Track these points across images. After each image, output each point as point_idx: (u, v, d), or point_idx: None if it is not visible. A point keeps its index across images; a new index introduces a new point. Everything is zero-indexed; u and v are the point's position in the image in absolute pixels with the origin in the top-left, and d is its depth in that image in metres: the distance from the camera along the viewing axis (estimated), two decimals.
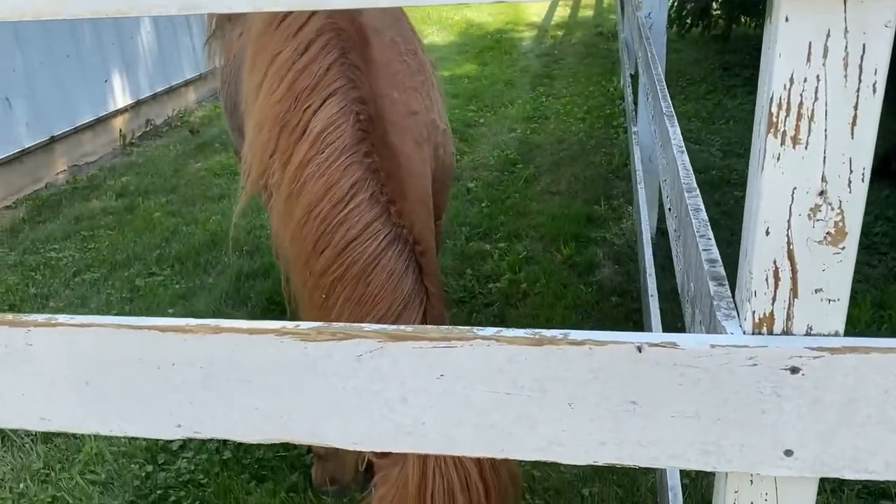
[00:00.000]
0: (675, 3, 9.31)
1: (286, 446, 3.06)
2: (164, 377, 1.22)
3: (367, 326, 1.15)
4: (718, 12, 9.48)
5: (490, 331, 1.11)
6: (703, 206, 1.53)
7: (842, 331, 1.04)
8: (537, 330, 1.11)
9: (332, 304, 1.81)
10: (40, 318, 1.24)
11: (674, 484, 1.86)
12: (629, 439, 1.12)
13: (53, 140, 6.79)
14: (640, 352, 1.07)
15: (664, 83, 2.63)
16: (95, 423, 1.29)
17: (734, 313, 1.13)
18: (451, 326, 1.13)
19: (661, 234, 4.45)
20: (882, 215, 5.05)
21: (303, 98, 1.89)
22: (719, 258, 1.31)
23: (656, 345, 1.06)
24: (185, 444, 3.12)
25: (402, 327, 1.14)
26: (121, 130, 7.81)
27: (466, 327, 1.12)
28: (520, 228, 5.07)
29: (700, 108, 7.69)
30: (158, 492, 2.81)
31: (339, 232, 1.79)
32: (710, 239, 1.38)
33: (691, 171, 1.73)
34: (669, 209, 1.95)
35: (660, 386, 1.08)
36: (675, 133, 2.04)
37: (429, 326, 1.13)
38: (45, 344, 1.24)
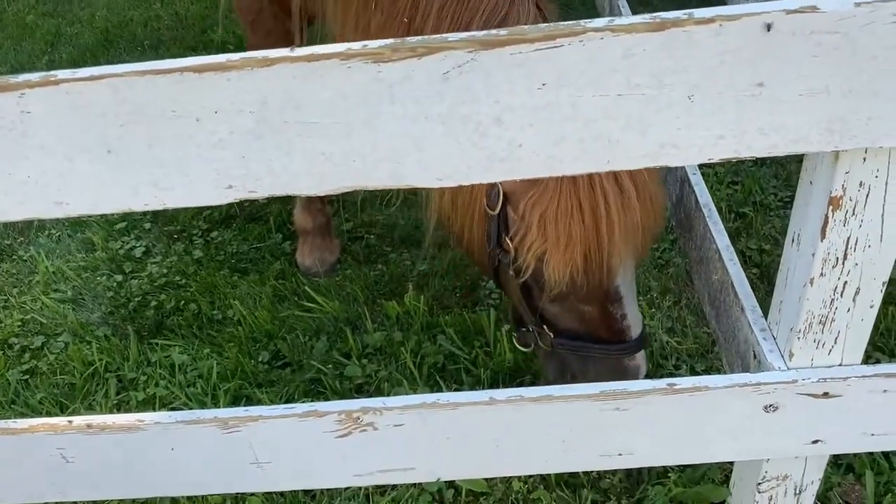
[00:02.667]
0: None
1: (260, 237, 2.92)
2: (206, 130, 1.03)
3: (452, 36, 0.97)
4: None
5: (601, 22, 0.96)
6: None
7: None
8: (658, 14, 0.96)
9: (419, 27, 1.52)
10: (35, 77, 0.99)
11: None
12: (750, 128, 1.03)
13: None
14: (772, 26, 0.94)
15: None
16: (125, 198, 1.10)
17: None
18: (553, 24, 0.96)
19: None
20: None
21: None
22: None
23: (794, 11, 0.93)
24: (149, 249, 2.93)
25: (496, 31, 0.96)
26: None
27: (573, 22, 0.96)
28: None
29: None
30: (137, 299, 2.66)
31: None
32: None
33: None
34: None
35: (792, 60, 0.97)
36: None
37: (527, 27, 0.96)
38: (47, 109, 1.01)
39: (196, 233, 2.99)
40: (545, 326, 1.68)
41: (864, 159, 1.10)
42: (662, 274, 2.63)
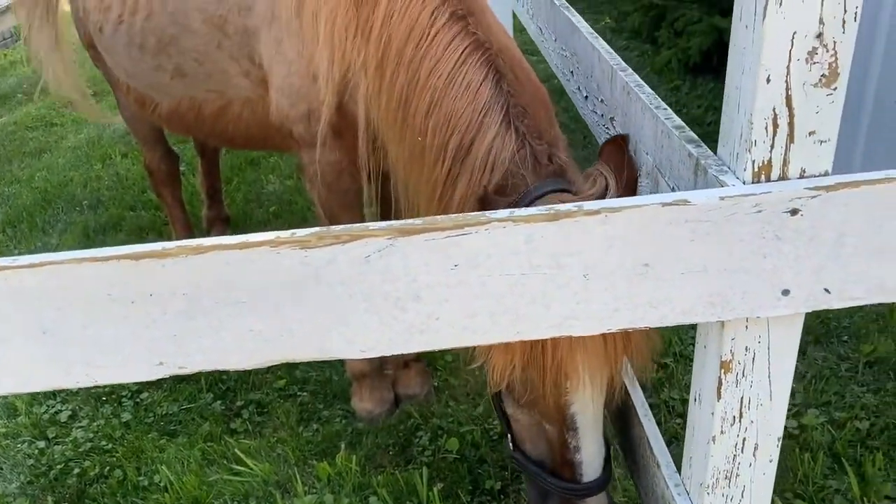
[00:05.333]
0: None
1: (191, 397, 2.89)
2: (140, 312, 1.09)
3: (373, 225, 1.07)
4: None
5: (503, 213, 1.08)
6: (644, 84, 1.56)
7: (830, 170, 1.11)
8: (552, 206, 1.09)
9: (428, 143, 1.73)
10: None
11: None
12: (641, 302, 1.15)
13: None
14: (654, 212, 1.08)
15: None
16: (57, 376, 1.13)
17: (726, 168, 1.18)
18: (462, 214, 1.09)
19: None
20: (711, 106, 5.46)
21: None
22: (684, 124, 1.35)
23: (669, 204, 1.08)
24: (76, 413, 2.85)
25: (412, 221, 1.07)
26: None
27: (479, 212, 1.09)
28: None
29: None
30: (58, 466, 2.56)
31: (425, 65, 1.72)
32: (667, 108, 1.41)
33: (615, 53, 1.76)
34: (587, 97, 1.98)
35: (671, 245, 1.10)
36: (580, 20, 2.05)
37: (439, 217, 1.08)
38: None
39: (125, 394, 2.94)
40: (511, 435, 1.68)
41: (747, 327, 1.22)
42: None
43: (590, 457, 1.58)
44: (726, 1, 6.10)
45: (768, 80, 1.04)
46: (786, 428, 2.60)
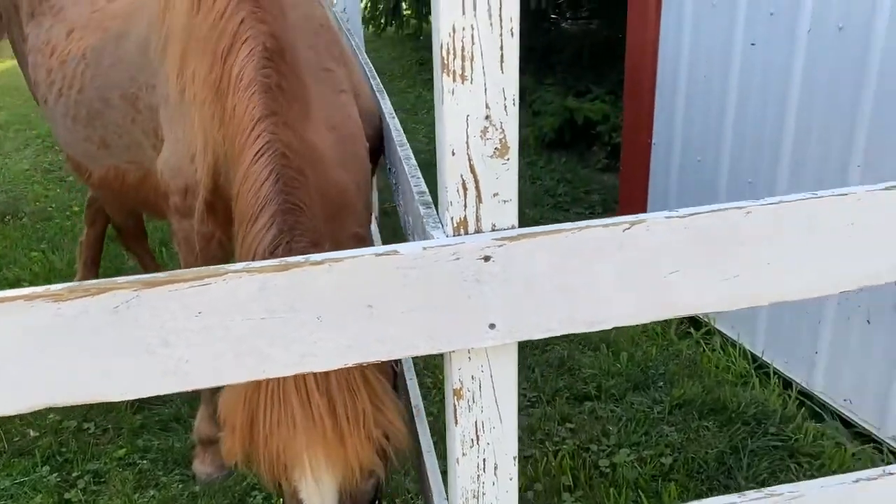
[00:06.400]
0: (369, 3, 9.86)
1: (25, 472, 2.87)
2: None
3: (121, 279, 1.23)
4: (409, 12, 10.23)
5: (239, 266, 1.26)
6: (412, 155, 1.80)
7: (516, 224, 1.35)
8: (284, 259, 1.28)
9: (240, 232, 1.90)
10: None
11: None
12: (369, 339, 1.34)
13: None
14: (370, 261, 1.28)
15: (371, 65, 2.91)
16: None
17: (439, 224, 1.40)
18: (204, 267, 1.26)
19: (383, 213, 4.80)
20: (563, 178, 5.90)
21: (224, 57, 2.03)
22: (427, 190, 1.59)
23: (382, 254, 1.28)
24: None
25: (156, 275, 1.24)
26: None
27: (218, 265, 1.26)
28: None
29: (403, 102, 8.28)
30: None
31: (244, 159, 1.91)
32: (419, 178, 1.65)
33: (402, 131, 2.01)
34: (391, 168, 2.22)
35: (389, 288, 1.30)
36: (386, 103, 2.31)
37: (182, 270, 1.24)
38: None
39: None
40: None
41: (469, 358, 1.43)
42: None
43: None
44: (579, 85, 6.68)
45: (453, 153, 1.28)
46: (598, 467, 2.85)
